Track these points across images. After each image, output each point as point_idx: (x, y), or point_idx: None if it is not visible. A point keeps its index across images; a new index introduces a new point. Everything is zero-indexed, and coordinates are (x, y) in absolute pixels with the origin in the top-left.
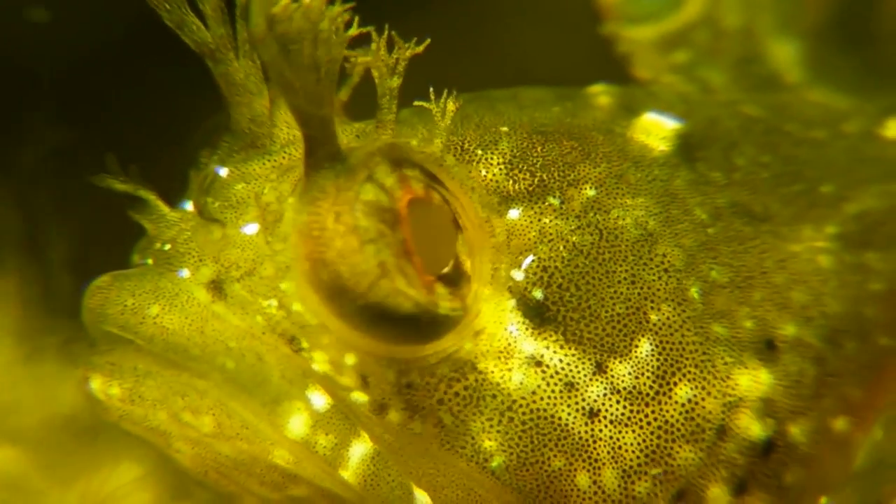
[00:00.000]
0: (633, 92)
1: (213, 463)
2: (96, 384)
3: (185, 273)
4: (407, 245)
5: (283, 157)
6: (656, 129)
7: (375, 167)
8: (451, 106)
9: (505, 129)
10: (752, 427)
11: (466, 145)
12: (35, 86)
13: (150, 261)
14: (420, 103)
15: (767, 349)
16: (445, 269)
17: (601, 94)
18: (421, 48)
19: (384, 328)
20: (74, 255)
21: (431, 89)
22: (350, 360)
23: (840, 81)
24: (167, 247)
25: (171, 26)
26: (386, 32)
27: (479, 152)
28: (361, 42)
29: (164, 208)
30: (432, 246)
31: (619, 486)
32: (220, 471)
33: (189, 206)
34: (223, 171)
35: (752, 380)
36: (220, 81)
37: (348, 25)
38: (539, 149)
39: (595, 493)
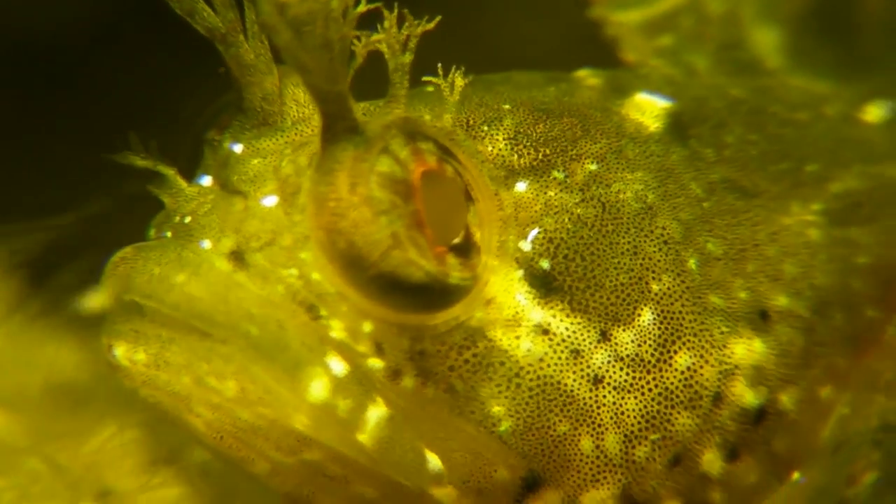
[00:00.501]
0: (622, 74)
1: (230, 428)
2: (121, 351)
3: (207, 244)
4: (419, 216)
5: (296, 134)
6: (649, 108)
7: (391, 139)
8: (459, 81)
9: (507, 106)
10: (745, 395)
11: (472, 122)
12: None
13: (168, 234)
14: (428, 79)
15: (761, 319)
16: (456, 241)
17: (591, 77)
18: (432, 24)
19: (397, 297)
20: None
21: (440, 65)
22: (366, 327)
23: (819, 68)
24: (187, 219)
25: (182, 15)
26: (396, 10)
27: (485, 128)
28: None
29: (182, 183)
30: (443, 218)
31: (620, 450)
32: (237, 435)
33: (204, 181)
34: (238, 148)
35: (747, 349)
36: (231, 63)
37: (356, 3)
38: (541, 125)
39: (598, 457)
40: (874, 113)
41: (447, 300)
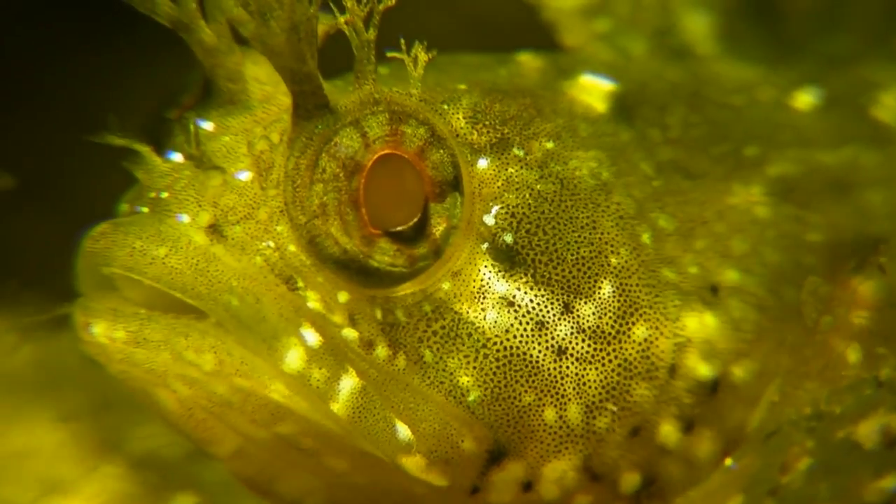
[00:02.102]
0: (563, 57)
1: (205, 402)
2: (100, 329)
3: (185, 218)
4: (357, 194)
5: (263, 112)
6: (595, 90)
7: (368, 115)
8: (422, 56)
9: (463, 86)
10: (699, 367)
11: (430, 100)
12: None
13: (144, 209)
14: (392, 54)
15: (711, 294)
16: (401, 227)
17: (534, 59)
18: (393, 1)
19: (334, 270)
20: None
21: (402, 40)
22: (341, 298)
23: (749, 54)
24: (164, 195)
25: (144, 12)
26: None
27: (445, 107)
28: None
29: (157, 160)
30: (394, 203)
31: (581, 420)
32: (211, 410)
33: (176, 157)
34: (208, 126)
35: (699, 322)
36: (194, 48)
37: None
38: (497, 105)
39: (560, 427)
40: (803, 100)
41: (384, 281)
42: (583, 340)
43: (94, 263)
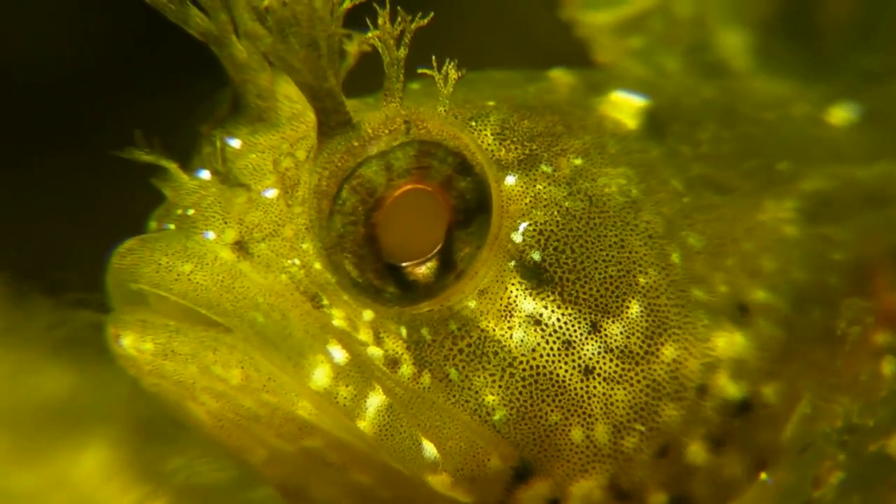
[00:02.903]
0: (595, 73)
1: (232, 416)
2: (129, 340)
3: (211, 235)
4: (374, 230)
5: (291, 130)
6: (626, 106)
7: (390, 132)
8: (452, 74)
9: (491, 103)
10: (728, 387)
11: (458, 117)
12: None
13: (171, 226)
14: (423, 70)
15: (741, 313)
16: (418, 259)
17: (566, 76)
18: (426, 20)
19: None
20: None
21: (434, 57)
22: (366, 316)
23: (785, 70)
24: (191, 211)
25: (176, 22)
26: (388, 5)
27: (473, 124)
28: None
29: (184, 177)
30: (413, 237)
31: (609, 440)
32: (239, 423)
33: (202, 175)
34: (236, 143)
35: (729, 342)
36: (225, 63)
37: (342, 1)
38: (526, 121)
39: (587, 446)
40: (838, 115)
41: (413, 300)
42: (610, 360)
43: (121, 280)
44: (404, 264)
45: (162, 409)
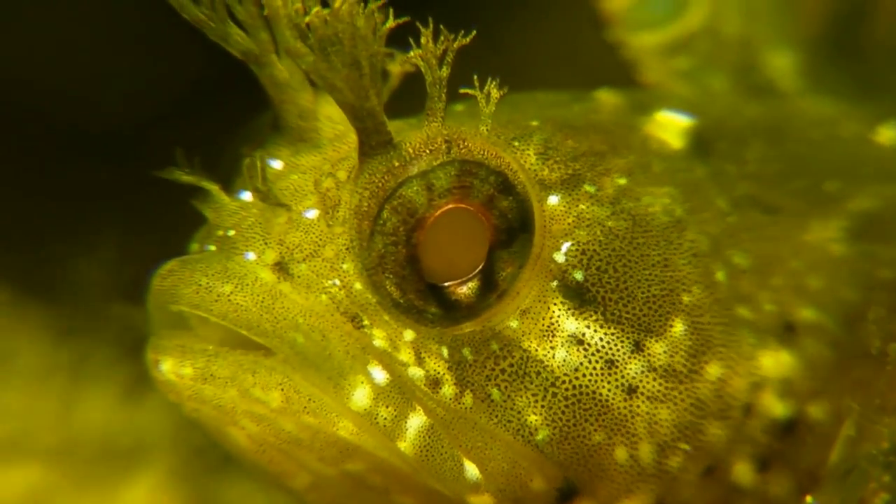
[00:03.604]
0: (642, 93)
1: (273, 440)
2: (168, 365)
3: (252, 256)
4: (416, 250)
5: (333, 151)
6: (671, 125)
7: (432, 153)
8: (494, 93)
9: (535, 123)
10: (774, 406)
11: (502, 138)
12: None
13: (212, 247)
14: (465, 90)
15: (787, 332)
16: (462, 278)
17: (612, 96)
18: (468, 39)
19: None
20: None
21: (476, 76)
22: (407, 336)
23: (832, 90)
24: (231, 233)
25: (216, 40)
26: (431, 24)
27: (516, 144)
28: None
29: (225, 198)
30: (455, 257)
31: (653, 460)
32: (280, 447)
33: (244, 196)
34: (277, 164)
35: (775, 361)
36: (265, 83)
37: (384, 20)
38: (570, 141)
39: (632, 466)
40: (886, 134)
41: (455, 320)
42: (654, 379)
43: (162, 302)
44: (446, 284)
45: (212, 438)
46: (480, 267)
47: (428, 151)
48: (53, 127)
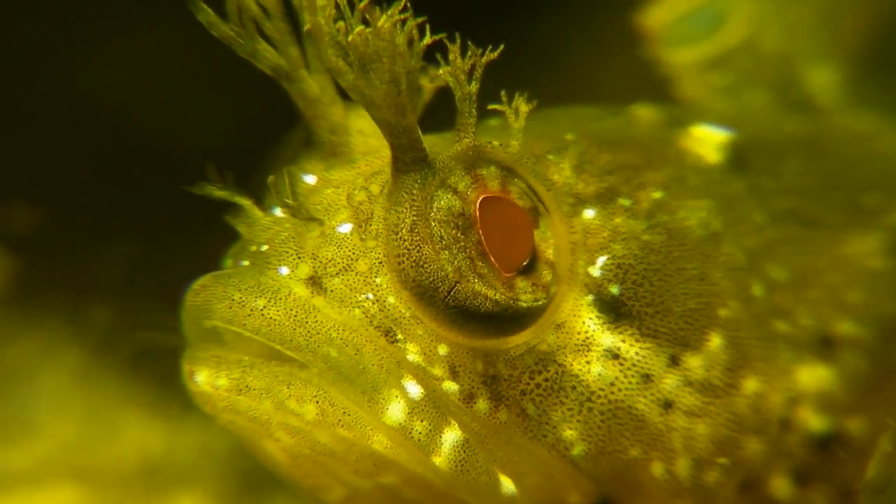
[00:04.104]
0: (678, 108)
1: (308, 452)
2: (203, 376)
3: (285, 270)
4: (481, 246)
5: (366, 165)
6: (708, 139)
7: (458, 168)
8: (523, 107)
9: (570, 137)
10: (812, 421)
11: (537, 151)
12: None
13: (246, 262)
14: (494, 106)
15: (825, 346)
16: (525, 262)
17: (648, 110)
18: (496, 54)
19: (469, 325)
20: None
21: (503, 92)
22: (441, 350)
23: (872, 105)
24: (264, 248)
25: (244, 57)
26: (458, 40)
27: (551, 157)
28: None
29: (258, 213)
30: (511, 240)
31: (690, 474)
32: (315, 460)
33: (277, 212)
34: (310, 179)
35: (812, 375)
36: (296, 99)
37: (421, 36)
38: (605, 155)
39: (668, 481)
40: None
41: (519, 324)
42: (690, 394)
43: (196, 317)
44: (518, 267)
45: (258, 462)
46: (531, 252)
47: (460, 167)
48: (149, 155)
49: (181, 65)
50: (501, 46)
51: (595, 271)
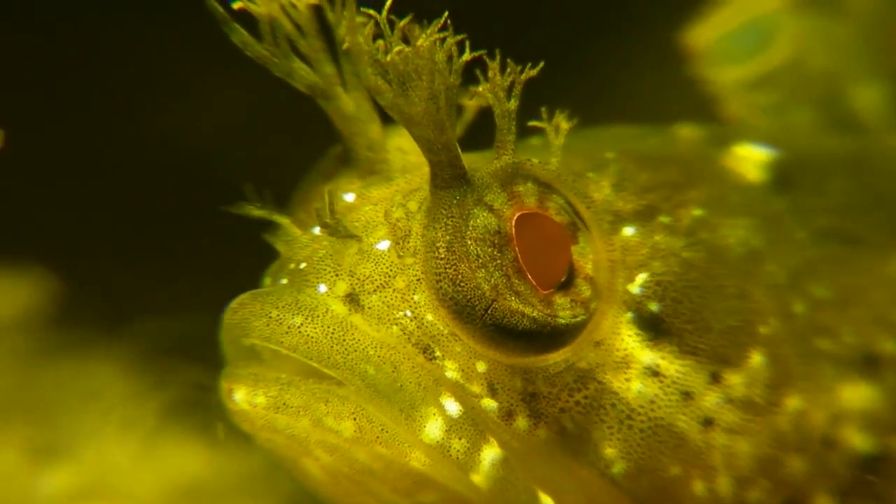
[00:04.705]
0: (721, 127)
1: (347, 470)
2: (241, 394)
3: (323, 288)
4: (518, 263)
5: (404, 182)
6: (750, 158)
7: (503, 185)
8: (563, 124)
9: (611, 155)
10: (856, 440)
11: (577, 169)
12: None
13: (284, 280)
14: (534, 123)
15: (869, 364)
16: (563, 278)
17: (689, 129)
18: (535, 71)
19: (507, 342)
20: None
21: (544, 109)
22: (480, 367)
23: None
24: (302, 265)
25: (280, 76)
26: (498, 57)
27: (591, 175)
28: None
29: (296, 231)
30: (550, 256)
31: (732, 493)
32: (353, 478)
33: (316, 230)
34: (349, 197)
35: (856, 393)
36: (333, 117)
37: (460, 53)
38: (645, 173)
39: (708, 499)
40: None
41: (558, 341)
42: (731, 411)
43: (234, 335)
44: (555, 284)
45: (298, 484)
46: (564, 279)
47: (498, 183)
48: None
49: (258, 109)
50: (541, 64)
51: (634, 288)
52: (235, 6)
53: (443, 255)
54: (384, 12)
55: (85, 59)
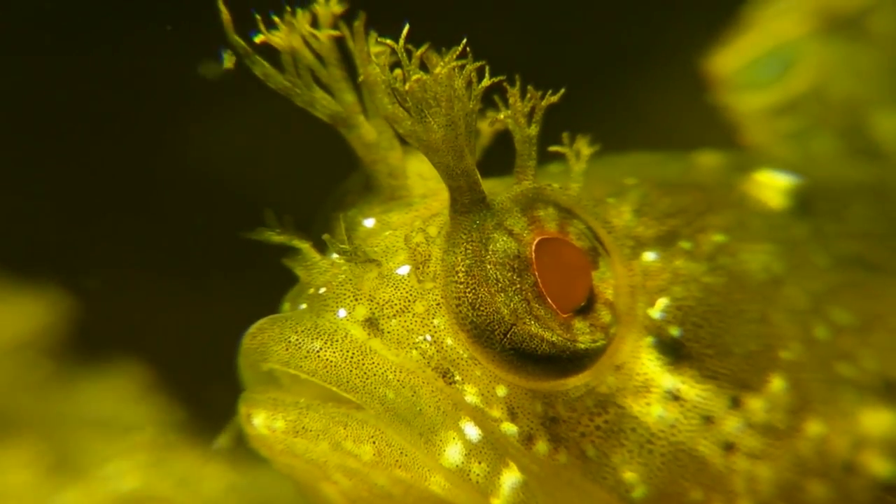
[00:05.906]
0: (742, 154)
1: (367, 494)
2: (260, 419)
3: (343, 313)
4: (538, 288)
5: (424, 208)
6: (772, 184)
7: (523, 210)
8: (584, 150)
9: (631, 181)
10: (876, 465)
11: (597, 195)
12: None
13: (304, 305)
14: (555, 148)
15: (889, 390)
16: (583, 303)
17: (710, 156)
18: (556, 97)
19: (527, 367)
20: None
21: (565, 134)
22: (500, 392)
23: None
24: (322, 290)
25: (302, 106)
26: (518, 82)
27: (611, 201)
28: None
29: (316, 256)
30: (568, 282)
31: None
32: (373, 502)
33: (335, 255)
34: (369, 223)
35: (876, 419)
36: (354, 144)
37: (479, 79)
38: (666, 198)
39: None
40: None
41: (578, 365)
42: (752, 436)
43: (252, 360)
44: (575, 308)
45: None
46: (590, 290)
47: (518, 209)
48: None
49: (278, 135)
50: (562, 90)
51: (655, 313)
52: (257, 40)
53: (462, 280)
54: (401, 41)
55: (108, 83)
